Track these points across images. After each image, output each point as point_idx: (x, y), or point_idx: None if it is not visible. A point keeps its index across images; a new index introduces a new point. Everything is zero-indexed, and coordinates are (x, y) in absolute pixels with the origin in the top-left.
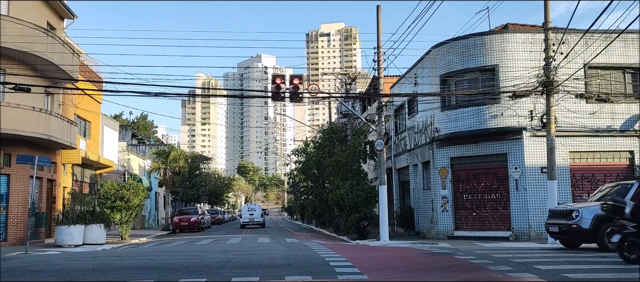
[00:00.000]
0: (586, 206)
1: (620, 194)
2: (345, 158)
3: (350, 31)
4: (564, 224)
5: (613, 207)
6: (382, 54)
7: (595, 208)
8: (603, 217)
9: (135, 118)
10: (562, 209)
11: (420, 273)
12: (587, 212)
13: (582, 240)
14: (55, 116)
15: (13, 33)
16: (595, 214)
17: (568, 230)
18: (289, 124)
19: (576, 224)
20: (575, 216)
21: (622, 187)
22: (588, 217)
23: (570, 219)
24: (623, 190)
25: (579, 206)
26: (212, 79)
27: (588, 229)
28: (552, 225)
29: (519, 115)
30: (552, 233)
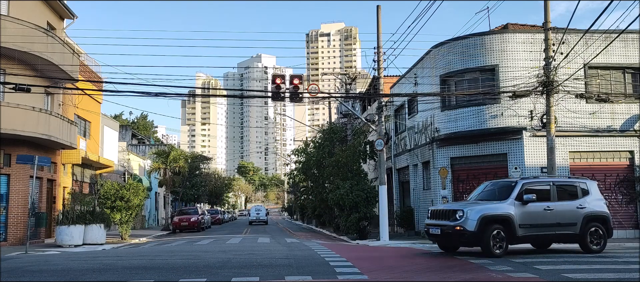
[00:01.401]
0: (471, 206)
1: (501, 194)
2: (345, 158)
3: (350, 31)
4: (447, 226)
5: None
6: (382, 54)
7: (482, 208)
8: (490, 218)
9: (135, 118)
10: (445, 208)
11: (420, 273)
12: (473, 212)
13: (466, 243)
14: (55, 116)
15: (13, 33)
16: (481, 215)
17: (452, 233)
18: (289, 124)
19: (460, 226)
20: (459, 217)
21: (503, 186)
22: (474, 219)
23: (453, 219)
24: (502, 189)
25: (464, 206)
26: (212, 79)
27: (473, 231)
28: (433, 227)
29: (519, 115)
30: (432, 236)
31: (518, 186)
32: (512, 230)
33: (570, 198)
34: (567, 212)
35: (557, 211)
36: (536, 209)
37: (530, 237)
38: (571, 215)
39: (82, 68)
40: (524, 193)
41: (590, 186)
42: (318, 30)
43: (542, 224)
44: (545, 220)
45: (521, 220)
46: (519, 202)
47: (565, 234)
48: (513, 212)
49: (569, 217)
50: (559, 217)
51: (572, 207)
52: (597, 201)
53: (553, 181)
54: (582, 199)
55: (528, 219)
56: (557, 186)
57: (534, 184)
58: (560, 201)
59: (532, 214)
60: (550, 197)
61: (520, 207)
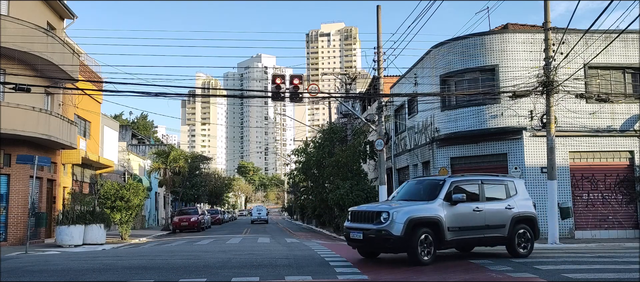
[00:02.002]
0: (397, 207)
1: (427, 193)
2: (345, 158)
3: (350, 31)
4: (370, 230)
5: (374, 232)
6: (382, 54)
7: (409, 209)
8: (418, 220)
9: (135, 118)
10: (367, 210)
11: (420, 273)
12: (400, 214)
13: (392, 249)
14: (55, 116)
15: (13, 33)
16: (409, 218)
17: (376, 238)
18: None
19: (385, 230)
20: (383, 220)
21: (430, 184)
22: (400, 221)
23: (377, 222)
24: (429, 188)
25: (389, 207)
26: (212, 79)
27: (399, 236)
28: (354, 230)
29: (519, 115)
30: (353, 241)
31: (446, 184)
32: (441, 234)
33: (499, 198)
34: (496, 213)
35: (486, 212)
36: (465, 210)
37: (459, 241)
38: (500, 216)
39: (82, 68)
40: (452, 192)
41: (518, 185)
42: (318, 30)
43: (471, 226)
44: (474, 222)
45: (450, 222)
46: (447, 202)
47: (493, 237)
48: (442, 214)
49: (498, 219)
50: (488, 218)
51: (501, 208)
52: (525, 201)
53: (481, 178)
54: (511, 199)
55: (457, 221)
56: (486, 184)
57: (463, 182)
58: (489, 201)
59: (461, 215)
60: (479, 197)
61: (449, 208)
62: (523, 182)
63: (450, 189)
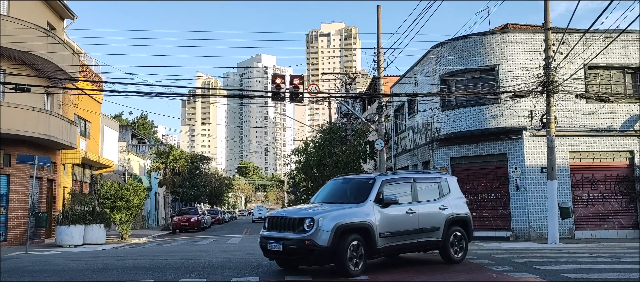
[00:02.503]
0: (323, 212)
1: (355, 194)
2: (345, 158)
3: (350, 31)
4: (291, 240)
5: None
6: (382, 54)
7: (337, 214)
8: (347, 227)
9: (135, 118)
10: (287, 216)
11: (420, 273)
12: (327, 221)
13: (317, 261)
14: (55, 116)
15: (13, 33)
16: (337, 224)
17: (298, 249)
18: (289, 124)
19: (309, 240)
20: (307, 227)
21: (358, 184)
22: (327, 229)
23: (300, 231)
24: (357, 188)
25: (314, 212)
26: (212, 79)
27: (326, 246)
28: (272, 241)
29: (519, 115)
30: (271, 253)
31: (377, 184)
32: (372, 241)
33: (432, 198)
34: (430, 215)
35: (420, 214)
36: (398, 212)
37: (392, 248)
38: (434, 218)
39: (82, 68)
40: (384, 193)
41: (451, 183)
42: (318, 30)
43: (405, 231)
44: (408, 226)
45: (382, 227)
46: (378, 204)
47: (428, 242)
48: (373, 219)
49: (432, 221)
50: (422, 221)
51: (435, 209)
52: (458, 201)
53: (414, 176)
54: (444, 199)
55: (389, 225)
56: (419, 183)
57: (394, 181)
58: (423, 202)
59: (394, 219)
60: (411, 197)
61: (380, 211)
62: (455, 179)
63: (381, 190)
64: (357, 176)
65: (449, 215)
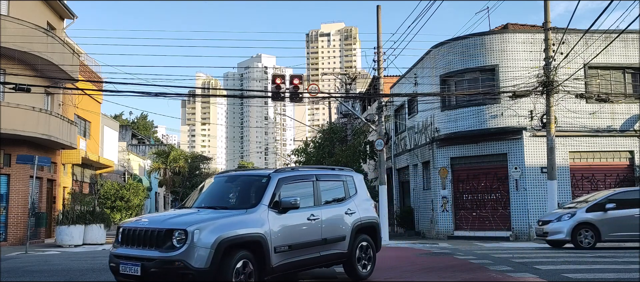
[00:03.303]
0: (200, 222)
1: (244, 197)
2: (345, 158)
3: (350, 31)
4: (156, 261)
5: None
6: (382, 54)
7: (220, 225)
8: (232, 241)
9: (135, 118)
10: (149, 227)
11: (420, 273)
12: (206, 233)
13: None
14: (55, 116)
15: (13, 33)
16: (219, 239)
17: (164, 272)
18: (289, 124)
19: (180, 260)
20: (178, 243)
21: (248, 183)
22: (207, 244)
23: (168, 248)
24: (247, 188)
25: (187, 221)
26: (212, 79)
27: (204, 268)
28: (126, 261)
29: (519, 115)
30: (125, 277)
31: (272, 182)
32: (265, 258)
33: (338, 200)
34: (335, 222)
35: (324, 221)
36: (298, 220)
37: (289, 265)
38: (340, 226)
39: (82, 68)
40: (281, 195)
41: (358, 182)
42: (318, 30)
43: (306, 242)
44: (309, 236)
45: (278, 239)
46: (274, 210)
47: (332, 255)
48: (267, 228)
49: (338, 229)
50: (327, 229)
51: (341, 214)
52: (366, 203)
53: (316, 173)
54: (351, 201)
55: (288, 236)
56: (322, 181)
57: (294, 179)
58: (327, 205)
59: (293, 228)
60: (314, 200)
61: (276, 219)
62: (362, 177)
63: (279, 190)
64: (247, 172)
65: (357, 221)
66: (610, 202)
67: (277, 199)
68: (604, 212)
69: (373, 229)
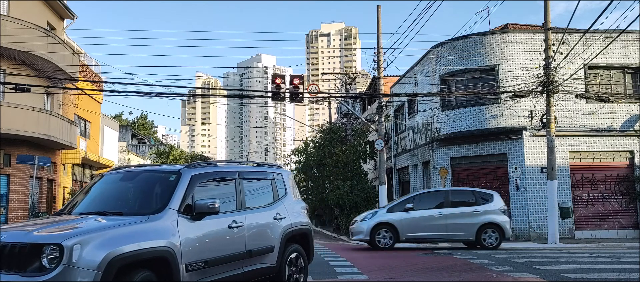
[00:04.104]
0: (83, 233)
1: (147, 198)
2: (345, 158)
3: (350, 31)
4: None
5: None
6: (382, 54)
7: (110, 238)
8: (129, 258)
9: (135, 118)
10: (10, 241)
11: (420, 273)
12: (90, 250)
13: None
14: (55, 116)
15: (13, 33)
16: (109, 255)
17: None
18: (289, 124)
19: None
20: (49, 263)
21: (152, 181)
22: (90, 264)
23: (35, 270)
24: (150, 187)
25: (65, 235)
26: (212, 79)
27: None
28: None
29: (519, 115)
30: None
31: (183, 181)
32: (173, 279)
33: (265, 202)
34: (262, 230)
35: (249, 229)
36: (217, 228)
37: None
38: (268, 234)
39: (82, 68)
40: (195, 196)
41: (287, 180)
42: (318, 30)
43: (227, 256)
44: (231, 248)
45: (192, 254)
46: (186, 216)
47: (257, 271)
48: (177, 240)
49: (265, 239)
50: (252, 240)
51: (268, 219)
52: (296, 206)
53: (239, 170)
54: (280, 204)
55: (204, 249)
56: (246, 180)
57: (211, 177)
58: (252, 210)
59: (211, 238)
60: (237, 203)
61: (189, 227)
62: (292, 175)
63: (192, 191)
64: (150, 167)
65: (287, 228)
66: (409, 203)
67: (190, 201)
68: (406, 212)
69: (305, 237)
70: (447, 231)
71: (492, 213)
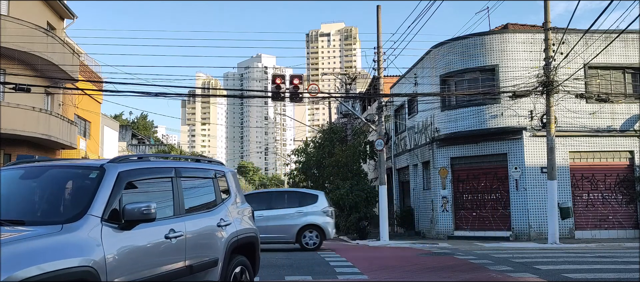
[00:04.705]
0: None
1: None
2: (345, 158)
3: (350, 31)
4: None
5: None
6: (382, 54)
7: (13, 253)
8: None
9: (135, 118)
10: None
11: (420, 273)
12: None
13: None
14: (55, 116)
15: (13, 33)
16: (9, 280)
17: None
18: (289, 124)
19: None
20: None
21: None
22: None
23: None
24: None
25: None
26: (212, 79)
27: None
28: None
29: (519, 115)
30: None
31: (108, 179)
32: None
33: (206, 206)
34: (205, 239)
35: (189, 239)
36: (151, 239)
37: None
38: (211, 244)
39: (82, 68)
40: (123, 200)
41: (231, 180)
42: (318, 30)
43: (163, 273)
44: (168, 262)
45: (120, 272)
46: (113, 224)
47: None
48: (100, 257)
49: (209, 250)
50: (193, 251)
51: (211, 226)
52: (241, 209)
53: (175, 166)
54: (224, 207)
55: (135, 266)
56: (185, 178)
57: (143, 174)
58: (192, 215)
59: (144, 253)
60: (174, 207)
61: (117, 239)
62: (235, 173)
63: (119, 193)
64: (64, 162)
65: (232, 236)
66: None
67: (118, 206)
68: None
69: (252, 247)
70: (268, 232)
71: (313, 214)
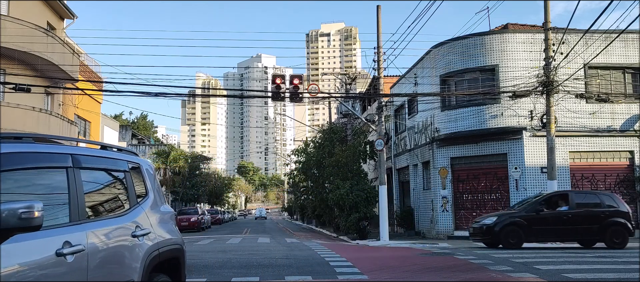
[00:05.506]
0: None
1: None
2: (345, 158)
3: (350, 31)
4: None
5: None
6: (382, 54)
7: None
8: None
9: (135, 118)
10: None
11: (420, 273)
12: None
13: None
14: (55, 116)
15: (13, 33)
16: None
17: None
18: (289, 124)
19: None
20: None
21: None
22: None
23: None
24: None
25: None
26: (212, 79)
27: None
28: None
29: (519, 115)
30: None
31: None
32: None
33: (115, 209)
34: (114, 256)
35: (92, 255)
36: (37, 256)
37: None
38: (124, 263)
39: (82, 68)
40: None
41: (147, 174)
42: (318, 30)
43: None
44: None
45: None
46: None
47: None
48: None
49: (121, 271)
50: (98, 273)
51: (125, 237)
52: (161, 213)
53: (72, 152)
54: (139, 210)
55: None
56: (85, 169)
57: (25, 159)
58: (97, 221)
59: (25, 277)
60: (70, 210)
61: None
62: (152, 165)
63: None
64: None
65: (152, 249)
66: None
67: None
68: None
69: (176, 262)
70: None
71: None
